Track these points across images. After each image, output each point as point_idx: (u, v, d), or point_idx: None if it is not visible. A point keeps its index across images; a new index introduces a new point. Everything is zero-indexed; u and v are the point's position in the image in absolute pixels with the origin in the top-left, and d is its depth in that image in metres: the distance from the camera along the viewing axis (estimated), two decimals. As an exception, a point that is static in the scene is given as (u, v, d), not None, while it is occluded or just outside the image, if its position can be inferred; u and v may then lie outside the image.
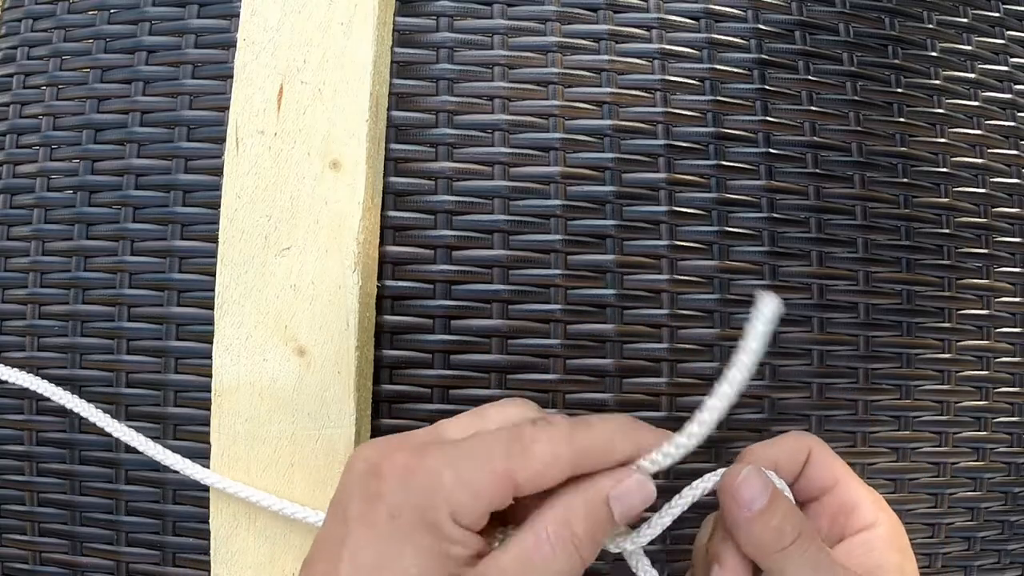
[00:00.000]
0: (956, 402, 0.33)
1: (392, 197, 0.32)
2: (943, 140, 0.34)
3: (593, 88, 0.32)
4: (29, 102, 0.34)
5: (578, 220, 0.32)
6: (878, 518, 0.25)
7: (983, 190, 0.34)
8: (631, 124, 0.32)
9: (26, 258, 0.33)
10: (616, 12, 0.33)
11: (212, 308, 0.30)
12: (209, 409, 0.29)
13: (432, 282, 0.31)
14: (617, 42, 0.33)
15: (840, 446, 0.32)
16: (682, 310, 0.31)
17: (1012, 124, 0.35)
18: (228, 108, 0.31)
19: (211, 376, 0.29)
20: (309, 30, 0.30)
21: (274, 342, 0.29)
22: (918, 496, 0.32)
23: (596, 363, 0.31)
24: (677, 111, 0.32)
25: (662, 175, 0.32)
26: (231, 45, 0.32)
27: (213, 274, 0.30)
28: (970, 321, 0.33)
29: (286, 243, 0.29)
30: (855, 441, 0.32)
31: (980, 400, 0.33)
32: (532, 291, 0.31)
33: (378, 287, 0.31)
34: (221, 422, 0.29)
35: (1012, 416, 0.33)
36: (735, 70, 0.33)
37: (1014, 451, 0.33)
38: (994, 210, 0.34)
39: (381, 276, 0.31)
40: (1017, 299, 0.34)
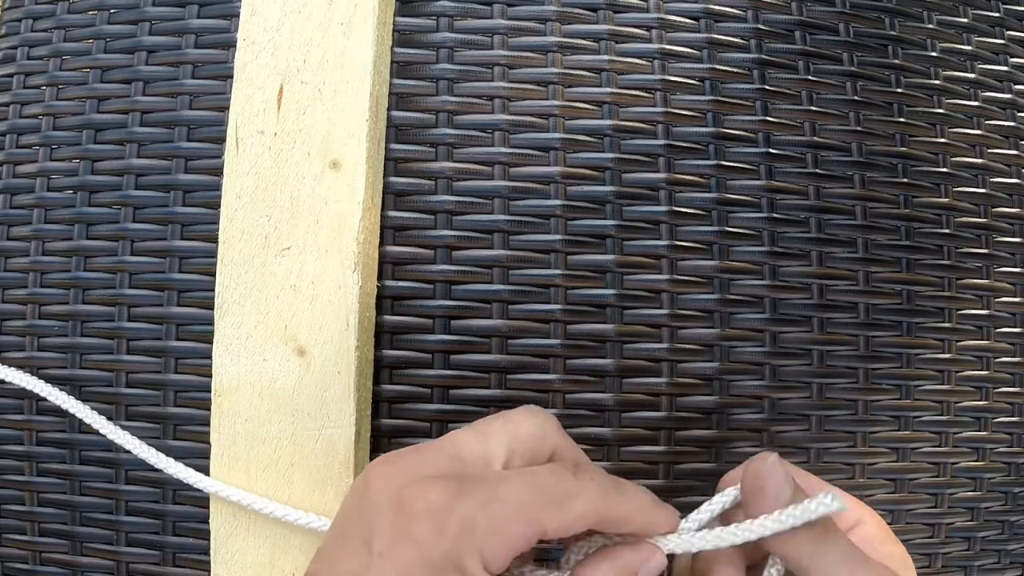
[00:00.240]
0: (956, 402, 0.33)
1: (392, 197, 0.32)
2: (943, 140, 0.34)
3: (593, 88, 0.32)
4: (29, 102, 0.34)
5: (578, 220, 0.32)
6: (861, 516, 0.24)
7: (983, 190, 0.34)
8: (631, 124, 0.32)
9: (26, 258, 0.33)
10: (616, 12, 0.33)
11: (212, 308, 0.30)
12: (209, 409, 0.29)
13: (432, 282, 0.31)
14: (617, 42, 0.33)
15: (840, 446, 0.32)
16: (682, 310, 0.31)
17: (1012, 124, 0.35)
18: (228, 108, 0.31)
19: (211, 376, 0.29)
20: (309, 30, 0.30)
21: (274, 342, 0.29)
22: (918, 496, 0.32)
23: (596, 363, 0.31)
24: (677, 111, 0.32)
25: (662, 175, 0.32)
26: (231, 45, 0.32)
27: (213, 274, 0.30)
28: (970, 321, 0.33)
29: (286, 243, 0.29)
30: (855, 441, 0.32)
31: (980, 400, 0.33)
32: (532, 291, 0.31)
33: (378, 287, 0.31)
34: (221, 422, 0.29)
35: (1012, 416, 0.33)
36: (735, 70, 0.33)
37: (1014, 451, 0.33)
38: (994, 210, 0.34)
39: (381, 276, 0.31)
40: (1017, 299, 0.34)
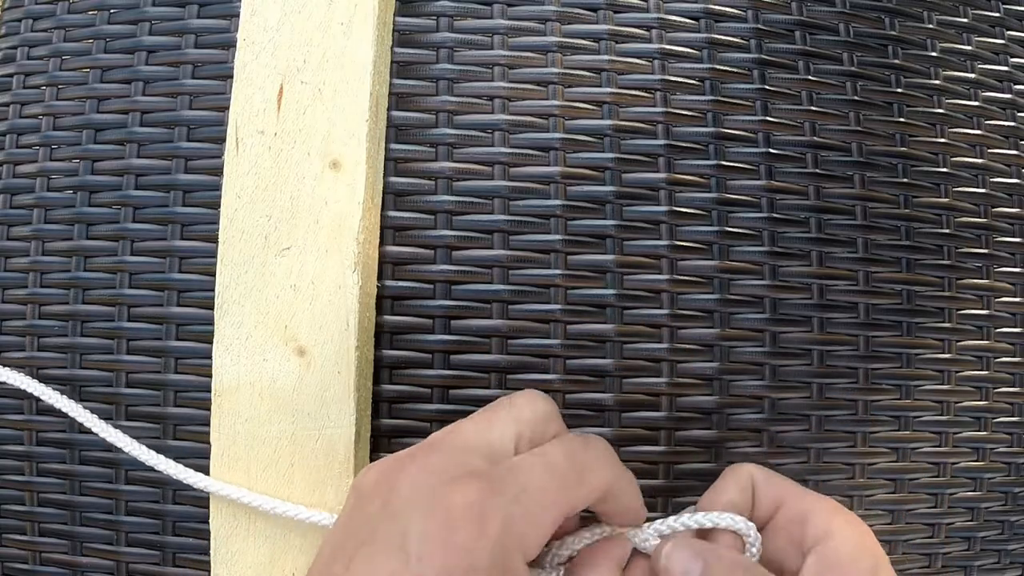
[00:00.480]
0: (956, 402, 0.33)
1: (392, 197, 0.32)
2: (943, 140, 0.34)
3: (593, 88, 0.32)
4: (29, 102, 0.34)
5: (578, 220, 0.32)
6: (831, 527, 0.23)
7: (983, 190, 0.34)
8: (631, 124, 0.32)
9: (26, 258, 0.33)
10: (616, 12, 0.33)
11: (212, 308, 0.30)
12: (209, 409, 0.29)
13: (432, 282, 0.31)
14: (617, 42, 0.33)
15: (840, 446, 0.32)
16: (682, 310, 0.31)
17: (1012, 124, 0.35)
18: (228, 108, 0.31)
19: (211, 376, 0.29)
20: (309, 30, 0.30)
21: (274, 342, 0.29)
22: (918, 496, 0.32)
23: (596, 363, 0.31)
24: (677, 111, 0.32)
25: (662, 175, 0.32)
26: (231, 45, 0.32)
27: (213, 274, 0.30)
28: (970, 321, 0.33)
29: (286, 243, 0.29)
30: (855, 441, 0.32)
31: (980, 400, 0.33)
32: (532, 291, 0.31)
33: (378, 287, 0.31)
34: (221, 422, 0.29)
35: (1012, 416, 0.33)
36: (735, 70, 0.33)
37: (1014, 451, 0.33)
38: (994, 210, 0.34)
39: (381, 276, 0.31)
40: (1017, 299, 0.34)
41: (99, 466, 0.32)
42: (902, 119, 0.34)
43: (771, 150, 0.32)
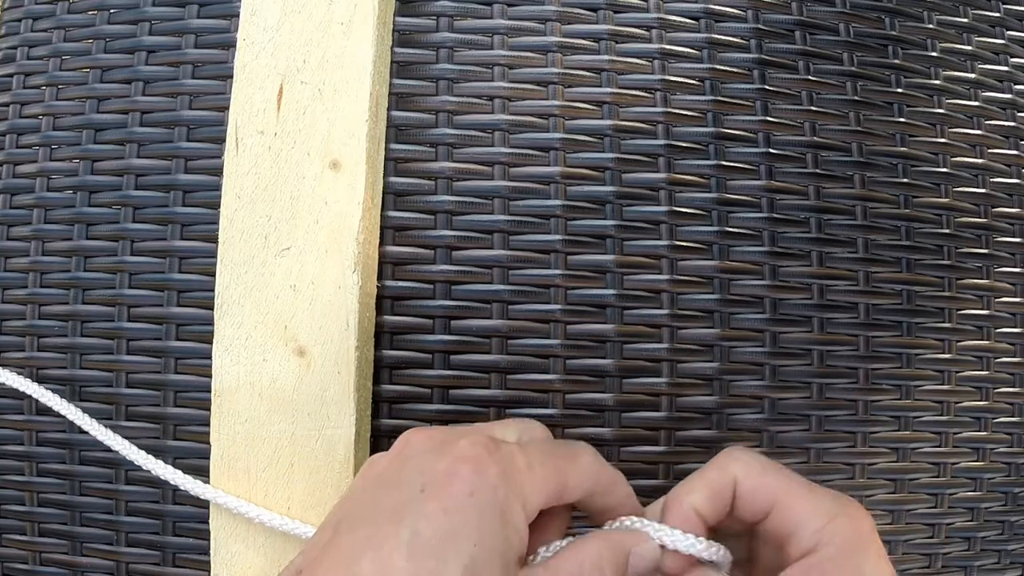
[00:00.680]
0: (956, 402, 0.33)
1: (392, 197, 0.32)
2: (943, 140, 0.34)
3: (593, 88, 0.32)
4: (29, 102, 0.34)
5: (578, 220, 0.32)
6: (821, 538, 0.22)
7: (983, 190, 0.34)
8: (631, 124, 0.32)
9: (26, 258, 0.33)
10: (616, 12, 0.33)
11: (212, 308, 0.30)
12: (209, 409, 0.29)
13: (432, 282, 0.31)
14: (617, 42, 0.33)
15: (840, 446, 0.32)
16: (682, 310, 0.31)
17: (1012, 124, 0.35)
18: (228, 108, 0.31)
19: (211, 376, 0.29)
20: (309, 30, 0.30)
21: (274, 342, 0.29)
22: (918, 496, 0.32)
23: (596, 363, 0.31)
24: (677, 111, 0.32)
25: (662, 175, 0.32)
26: (231, 45, 0.32)
27: (213, 274, 0.30)
28: (970, 321, 0.33)
29: (286, 243, 0.29)
30: (855, 441, 0.32)
31: (980, 400, 0.33)
32: (532, 291, 0.31)
33: (378, 287, 0.31)
34: (221, 422, 0.29)
35: (1012, 416, 0.33)
36: (735, 70, 0.33)
37: (1014, 451, 0.33)
38: (994, 210, 0.34)
39: (381, 276, 0.31)
40: (1017, 299, 0.34)
41: (99, 466, 0.32)
42: (902, 119, 0.34)
43: (771, 150, 0.32)
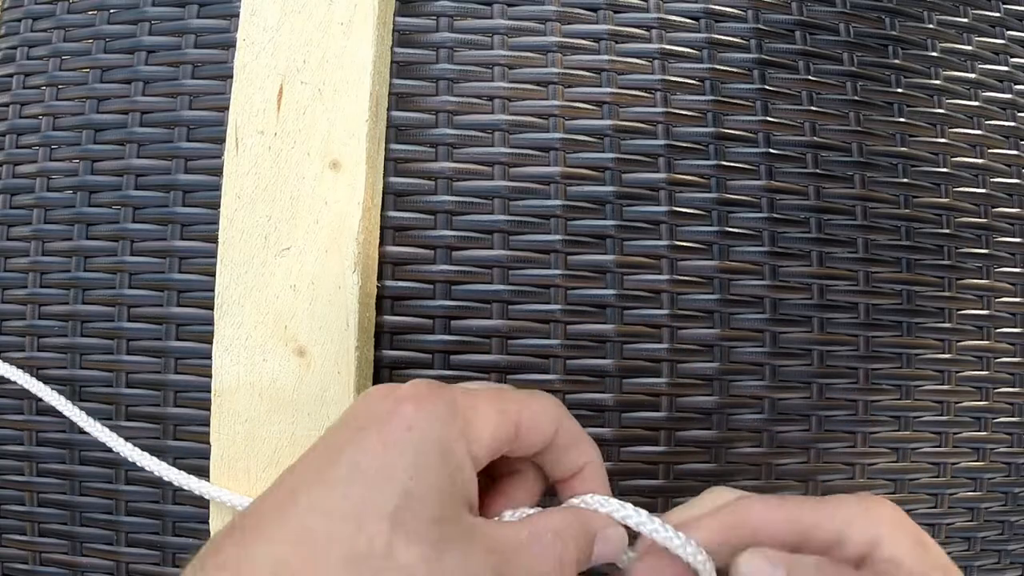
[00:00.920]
0: (956, 402, 0.33)
1: (392, 197, 0.32)
2: (943, 140, 0.34)
3: (593, 88, 0.32)
4: (29, 102, 0.34)
5: (578, 220, 0.32)
6: (876, 537, 0.21)
7: (983, 190, 0.34)
8: (631, 124, 0.32)
9: (26, 258, 0.33)
10: (616, 12, 0.33)
11: (212, 308, 0.30)
12: (209, 409, 0.29)
13: (432, 282, 0.31)
14: (617, 42, 0.33)
15: (840, 446, 0.32)
16: (682, 310, 0.31)
17: (1012, 124, 0.35)
18: (228, 108, 0.31)
19: (211, 376, 0.29)
20: (309, 30, 0.30)
21: (274, 342, 0.29)
22: (918, 496, 0.32)
23: (596, 363, 0.31)
24: (677, 111, 0.32)
25: (662, 175, 0.32)
26: (231, 45, 0.32)
27: (213, 274, 0.30)
28: (970, 321, 0.33)
29: (286, 243, 0.29)
30: (855, 441, 0.32)
31: (980, 400, 0.33)
32: (532, 291, 0.31)
33: (378, 287, 0.31)
34: (221, 422, 0.29)
35: (1012, 416, 0.33)
36: (735, 70, 0.33)
37: (1014, 451, 0.33)
38: (994, 210, 0.34)
39: (381, 276, 0.31)
40: (1017, 299, 0.34)
41: (99, 466, 0.32)
42: (902, 119, 0.34)
43: (771, 150, 0.32)
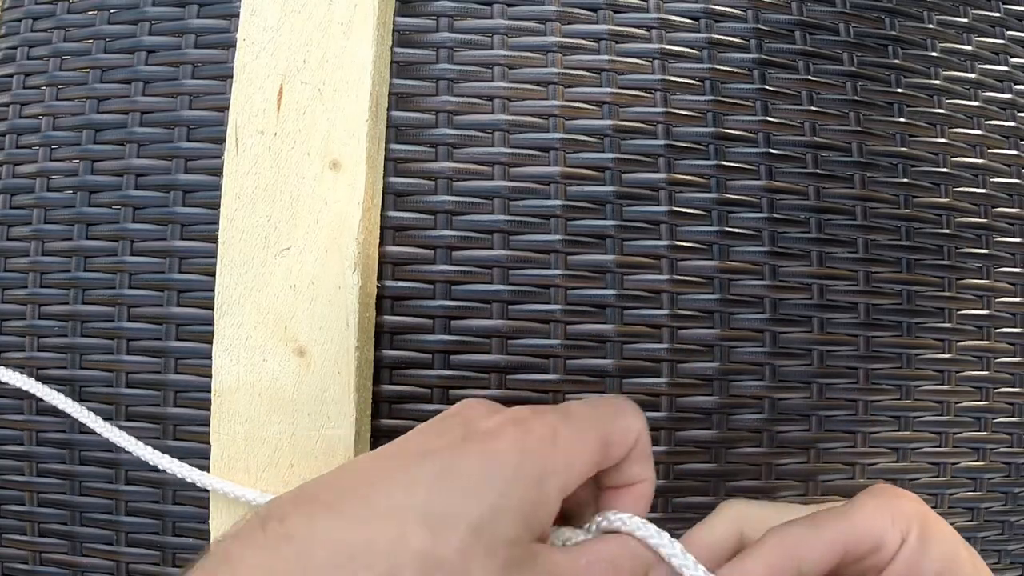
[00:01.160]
0: (956, 402, 0.33)
1: (392, 197, 0.32)
2: (943, 140, 0.34)
3: (593, 88, 0.32)
4: (29, 102, 0.34)
5: (578, 220, 0.32)
6: (881, 540, 0.23)
7: (983, 190, 0.34)
8: (631, 124, 0.32)
9: (26, 258, 0.33)
10: (616, 12, 0.33)
11: (212, 308, 0.30)
12: (209, 409, 0.29)
13: (432, 282, 0.31)
14: (617, 42, 0.33)
15: (840, 446, 0.32)
16: (682, 310, 0.31)
17: (1012, 124, 0.35)
18: (228, 108, 0.31)
19: (211, 376, 0.29)
20: (309, 30, 0.30)
21: (274, 342, 0.29)
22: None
23: (596, 363, 0.31)
24: (677, 111, 0.32)
25: (662, 175, 0.32)
26: (231, 45, 0.32)
27: (213, 274, 0.30)
28: (970, 321, 0.33)
29: (286, 243, 0.29)
30: (855, 441, 0.32)
31: (980, 400, 0.33)
32: (532, 291, 0.31)
33: (378, 287, 0.31)
34: (221, 423, 0.29)
35: (1012, 416, 0.33)
36: (735, 70, 0.33)
37: (1014, 451, 0.33)
38: (994, 210, 0.34)
39: (381, 276, 0.31)
40: (1017, 299, 0.34)
41: (99, 466, 0.32)
42: (902, 119, 0.34)
43: (771, 150, 0.32)
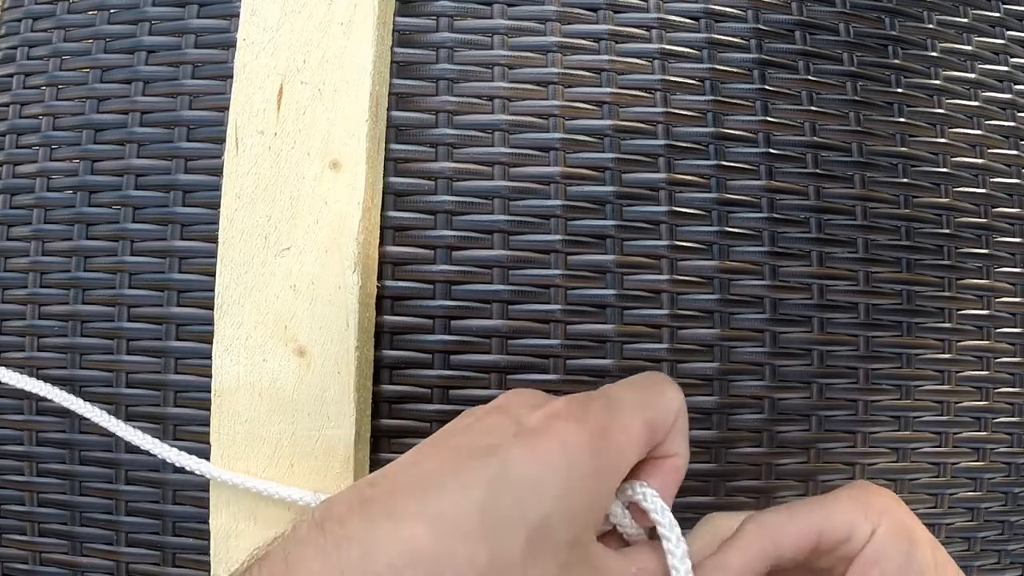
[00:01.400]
0: (956, 402, 0.33)
1: (392, 197, 0.32)
2: (943, 140, 0.34)
3: (593, 88, 0.32)
4: (29, 102, 0.34)
5: (578, 220, 0.32)
6: (852, 532, 0.23)
7: (983, 190, 0.34)
8: (631, 124, 0.32)
9: (26, 258, 0.33)
10: (616, 12, 0.33)
11: (212, 308, 0.30)
12: (209, 409, 0.29)
13: (432, 282, 0.31)
14: (617, 42, 0.33)
15: (840, 446, 0.32)
16: (682, 310, 0.31)
17: (1012, 124, 0.35)
18: (228, 108, 0.31)
19: (211, 376, 0.29)
20: (309, 30, 0.30)
21: (274, 342, 0.29)
22: (918, 496, 0.32)
23: (596, 363, 0.31)
24: (677, 111, 0.32)
25: (662, 175, 0.32)
26: (231, 45, 0.32)
27: (213, 274, 0.30)
28: (970, 321, 0.33)
29: (286, 243, 0.29)
30: (855, 441, 0.32)
31: (980, 400, 0.33)
32: (532, 291, 0.31)
33: (378, 287, 0.31)
34: (221, 422, 0.29)
35: (1012, 416, 0.33)
36: (735, 70, 0.33)
37: (1014, 451, 0.33)
38: (994, 210, 0.34)
39: (381, 276, 0.31)
40: (1017, 299, 0.34)
41: (99, 466, 0.32)
42: (902, 119, 0.34)
43: (771, 150, 0.32)
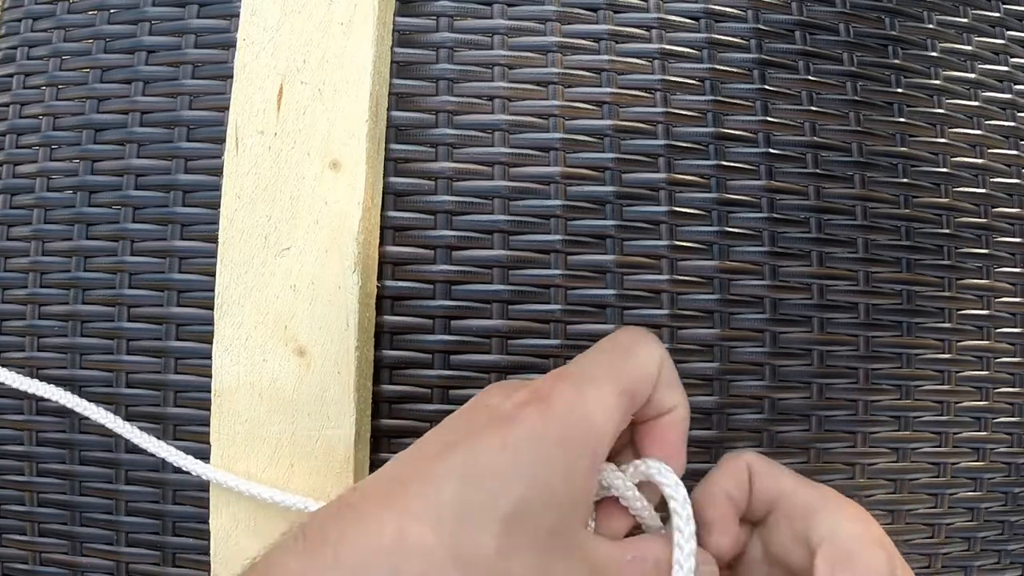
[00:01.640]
0: (956, 402, 0.33)
1: (392, 197, 0.32)
2: (943, 140, 0.34)
3: (593, 88, 0.32)
4: (29, 102, 0.34)
5: (578, 220, 0.32)
6: (838, 521, 0.23)
7: (983, 190, 0.34)
8: (631, 124, 0.32)
9: (26, 258, 0.33)
10: (616, 12, 0.33)
11: (212, 308, 0.30)
12: (209, 409, 0.29)
13: (432, 282, 0.31)
14: (617, 42, 0.33)
15: (840, 446, 0.32)
16: (682, 310, 0.31)
17: (1012, 124, 0.35)
18: (228, 108, 0.31)
19: (211, 376, 0.29)
20: (309, 30, 0.30)
21: (274, 342, 0.29)
22: (918, 496, 0.32)
23: (596, 363, 0.31)
24: (677, 111, 0.32)
25: (662, 175, 0.32)
26: (231, 45, 0.32)
27: (213, 274, 0.30)
28: (970, 321, 0.33)
29: (286, 243, 0.29)
30: (855, 441, 0.32)
31: (980, 400, 0.33)
32: (532, 291, 0.31)
33: (378, 287, 0.31)
34: (221, 422, 0.29)
35: (1012, 416, 0.33)
36: (735, 70, 0.33)
37: (1014, 451, 0.33)
38: (994, 210, 0.34)
39: (381, 276, 0.31)
40: (1017, 299, 0.34)
41: (99, 466, 0.32)
42: (902, 119, 0.34)
43: (771, 150, 0.32)
